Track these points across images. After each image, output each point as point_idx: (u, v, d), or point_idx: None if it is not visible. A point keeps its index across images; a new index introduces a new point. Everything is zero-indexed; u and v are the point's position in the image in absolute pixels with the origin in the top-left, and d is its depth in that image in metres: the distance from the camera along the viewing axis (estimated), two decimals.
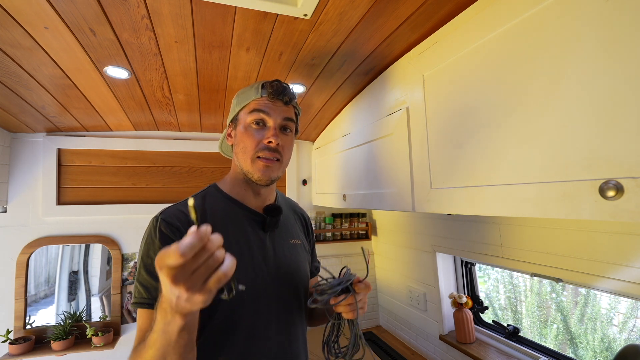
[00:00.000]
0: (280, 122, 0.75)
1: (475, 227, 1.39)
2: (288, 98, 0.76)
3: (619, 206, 0.53)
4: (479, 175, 0.80)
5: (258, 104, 0.74)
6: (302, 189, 2.09)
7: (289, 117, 0.77)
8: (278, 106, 0.75)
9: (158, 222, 0.67)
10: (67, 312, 1.57)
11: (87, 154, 1.65)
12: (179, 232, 0.67)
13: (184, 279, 0.41)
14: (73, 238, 1.60)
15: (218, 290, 0.45)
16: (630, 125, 0.52)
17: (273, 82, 0.76)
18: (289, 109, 0.78)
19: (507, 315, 2.02)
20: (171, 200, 1.76)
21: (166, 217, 0.68)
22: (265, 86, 0.75)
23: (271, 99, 0.75)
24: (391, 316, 2.03)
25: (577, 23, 0.60)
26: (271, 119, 0.74)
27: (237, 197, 0.77)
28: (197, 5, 0.80)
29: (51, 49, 0.94)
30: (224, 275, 0.43)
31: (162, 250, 0.41)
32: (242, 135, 0.75)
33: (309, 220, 0.97)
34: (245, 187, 0.78)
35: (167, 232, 0.66)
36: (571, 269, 1.02)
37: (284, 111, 0.76)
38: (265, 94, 0.75)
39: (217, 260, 0.43)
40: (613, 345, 1.54)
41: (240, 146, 0.75)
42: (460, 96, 0.86)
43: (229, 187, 0.79)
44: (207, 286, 0.43)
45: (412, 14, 0.88)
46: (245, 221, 0.75)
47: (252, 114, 0.74)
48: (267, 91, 0.75)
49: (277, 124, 0.75)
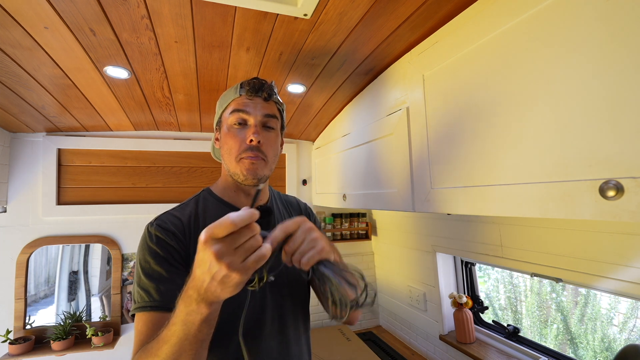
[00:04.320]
0: (261, 119, 0.73)
1: (475, 227, 1.39)
2: (267, 94, 0.74)
3: (619, 206, 0.53)
4: (479, 175, 0.80)
5: (237, 104, 0.73)
6: (302, 189, 2.09)
7: (270, 113, 0.75)
8: (257, 103, 0.74)
9: (153, 228, 0.67)
10: (67, 312, 1.56)
11: (87, 154, 1.65)
12: (175, 237, 0.67)
13: (228, 254, 0.43)
14: (73, 238, 1.60)
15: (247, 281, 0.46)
16: (631, 125, 0.52)
17: (251, 80, 0.74)
18: (270, 105, 0.76)
19: (507, 315, 2.02)
20: (171, 200, 1.76)
21: (160, 222, 0.69)
22: (243, 85, 0.74)
23: (250, 97, 0.73)
24: (391, 316, 2.03)
25: (577, 23, 0.60)
26: (251, 117, 0.73)
27: (229, 200, 0.78)
28: (197, 5, 0.80)
29: (51, 49, 0.94)
30: (263, 255, 0.45)
31: (211, 225, 0.42)
32: (226, 136, 0.74)
33: (310, 210, 0.95)
34: (236, 189, 0.78)
35: (163, 237, 0.66)
36: (571, 269, 1.02)
37: (264, 107, 0.74)
38: (244, 92, 0.73)
39: (257, 242, 0.45)
40: (613, 345, 1.54)
41: (225, 148, 0.74)
42: (460, 96, 0.86)
43: (221, 191, 0.79)
44: (247, 264, 0.44)
45: (412, 14, 0.88)
46: None
47: (232, 114, 0.73)
48: (245, 89, 0.73)
49: (257, 122, 0.73)
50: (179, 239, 0.67)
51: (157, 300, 0.61)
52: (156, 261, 0.64)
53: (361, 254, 2.21)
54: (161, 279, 0.63)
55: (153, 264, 0.64)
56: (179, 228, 0.69)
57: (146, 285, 0.63)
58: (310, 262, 0.53)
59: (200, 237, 0.43)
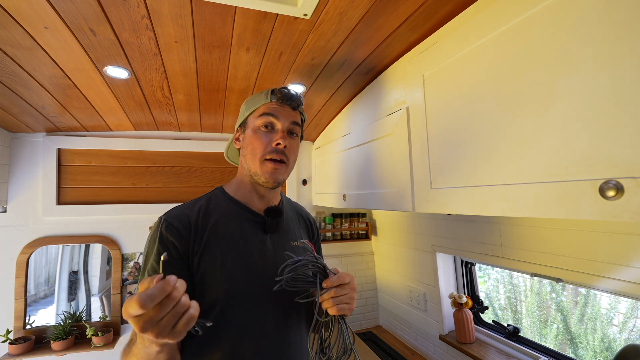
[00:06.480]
0: (288, 126, 0.79)
1: (475, 227, 1.39)
2: (296, 104, 0.80)
3: (619, 206, 0.53)
4: (479, 175, 0.80)
5: (267, 108, 0.78)
6: (302, 189, 2.09)
7: (296, 121, 0.81)
8: (286, 110, 0.79)
9: (161, 224, 0.70)
10: (67, 312, 1.57)
11: (87, 154, 1.65)
12: (179, 234, 0.69)
13: (152, 327, 0.43)
14: (73, 238, 1.60)
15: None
16: (631, 125, 0.52)
17: (282, 88, 0.79)
18: (296, 114, 0.81)
19: (507, 315, 2.02)
20: (171, 200, 1.76)
21: (168, 218, 0.71)
22: (274, 92, 0.79)
23: (280, 104, 0.78)
24: (391, 316, 2.03)
25: (577, 23, 0.60)
26: (280, 122, 0.77)
27: (241, 200, 0.80)
28: (197, 5, 0.80)
29: (51, 49, 0.94)
30: (191, 318, 0.46)
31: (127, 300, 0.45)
32: (251, 138, 0.78)
33: (314, 224, 0.99)
34: (250, 189, 0.81)
35: (167, 234, 0.68)
36: (571, 269, 1.02)
37: (292, 115, 0.80)
38: (275, 99, 0.78)
39: (183, 307, 0.46)
40: (613, 345, 1.54)
41: (249, 148, 0.78)
42: (460, 96, 0.86)
43: (234, 190, 0.82)
44: (177, 329, 0.45)
45: (412, 14, 0.88)
46: (246, 222, 0.77)
47: (261, 117, 0.78)
48: (277, 96, 0.78)
49: (285, 127, 0.78)
50: (183, 237, 0.69)
51: None
52: (155, 258, 0.67)
53: (361, 254, 2.21)
54: None
55: (152, 261, 0.67)
56: (185, 225, 0.71)
57: None
58: (341, 312, 0.64)
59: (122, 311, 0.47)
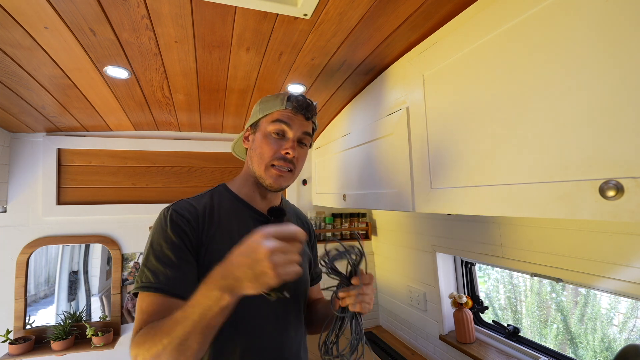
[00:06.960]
0: (300, 136, 0.78)
1: (475, 227, 1.39)
2: (310, 114, 0.79)
3: (619, 206, 0.53)
4: (479, 175, 0.80)
5: (281, 115, 0.77)
6: (302, 189, 2.09)
7: (308, 131, 0.80)
8: (300, 120, 0.78)
9: (169, 212, 0.69)
10: (67, 312, 1.56)
11: (87, 154, 1.65)
12: (189, 224, 0.69)
13: (277, 256, 0.48)
14: (73, 238, 1.60)
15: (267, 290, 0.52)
16: (630, 125, 0.52)
17: (299, 97, 0.78)
18: (309, 124, 0.81)
19: (507, 315, 2.02)
20: (171, 200, 1.74)
21: (177, 208, 0.71)
22: (291, 99, 0.78)
23: (295, 113, 0.77)
24: (391, 316, 2.03)
25: (577, 23, 0.60)
26: (292, 131, 0.77)
27: (245, 198, 0.80)
28: (197, 5, 0.80)
29: (51, 49, 0.94)
30: (298, 271, 0.51)
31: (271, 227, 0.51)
32: (261, 142, 0.77)
33: (312, 227, 0.99)
34: (254, 189, 0.81)
35: (179, 222, 0.68)
36: (571, 269, 1.02)
37: (304, 125, 0.79)
38: (290, 107, 0.77)
39: (298, 259, 0.52)
40: (613, 345, 1.54)
41: (257, 151, 0.78)
42: (460, 96, 0.86)
43: (238, 188, 0.82)
44: (285, 271, 0.49)
45: (412, 14, 0.88)
46: (250, 220, 0.77)
47: (274, 123, 0.77)
48: (293, 104, 0.77)
49: (296, 137, 0.77)
50: (193, 227, 0.69)
51: (163, 284, 0.62)
52: (168, 246, 0.65)
53: None
54: (170, 265, 0.64)
55: (165, 248, 0.65)
56: (194, 216, 0.71)
57: (155, 267, 0.64)
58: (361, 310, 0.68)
59: (260, 231, 0.50)
